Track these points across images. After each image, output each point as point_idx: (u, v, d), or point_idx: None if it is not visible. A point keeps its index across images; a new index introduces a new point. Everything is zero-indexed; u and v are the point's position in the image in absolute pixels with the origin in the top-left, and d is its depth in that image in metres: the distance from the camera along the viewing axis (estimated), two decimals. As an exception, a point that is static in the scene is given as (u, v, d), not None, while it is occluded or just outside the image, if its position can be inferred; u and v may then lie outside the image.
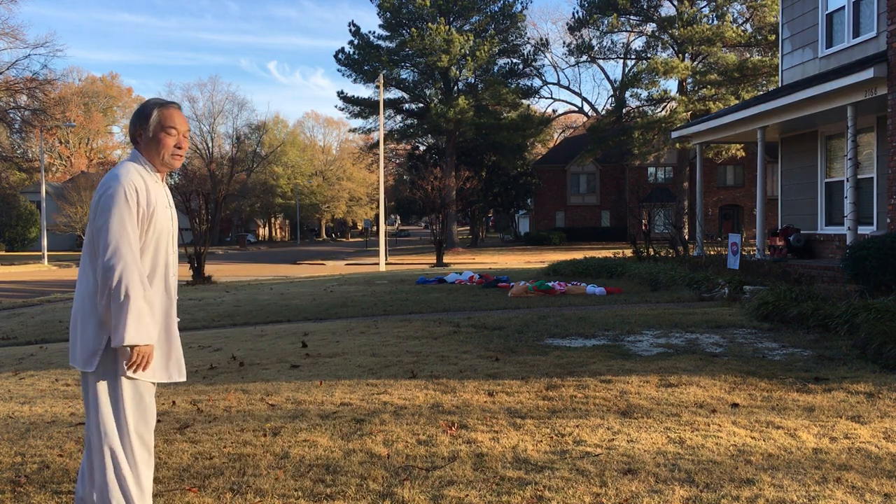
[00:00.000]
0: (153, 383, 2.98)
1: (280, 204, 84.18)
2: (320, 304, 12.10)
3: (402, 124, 51.06)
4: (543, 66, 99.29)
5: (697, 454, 3.86)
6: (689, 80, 42.74)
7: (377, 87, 37.84)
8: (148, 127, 2.96)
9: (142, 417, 2.92)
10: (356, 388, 5.47)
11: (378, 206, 32.36)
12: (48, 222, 49.30)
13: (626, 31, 47.55)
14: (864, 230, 11.87)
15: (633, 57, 48.90)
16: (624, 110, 47.37)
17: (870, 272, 9.34)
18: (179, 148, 3.01)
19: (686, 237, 33.03)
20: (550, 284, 12.78)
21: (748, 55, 42.53)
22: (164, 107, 3.00)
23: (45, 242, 40.22)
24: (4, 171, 58.38)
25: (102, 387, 2.86)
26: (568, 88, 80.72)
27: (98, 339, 2.84)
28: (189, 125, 3.10)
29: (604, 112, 52.46)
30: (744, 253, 14.57)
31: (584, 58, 48.34)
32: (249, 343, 7.98)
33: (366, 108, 48.28)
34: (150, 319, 2.80)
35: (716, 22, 41.68)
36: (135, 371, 2.82)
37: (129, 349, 2.78)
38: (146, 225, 2.89)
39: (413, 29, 44.80)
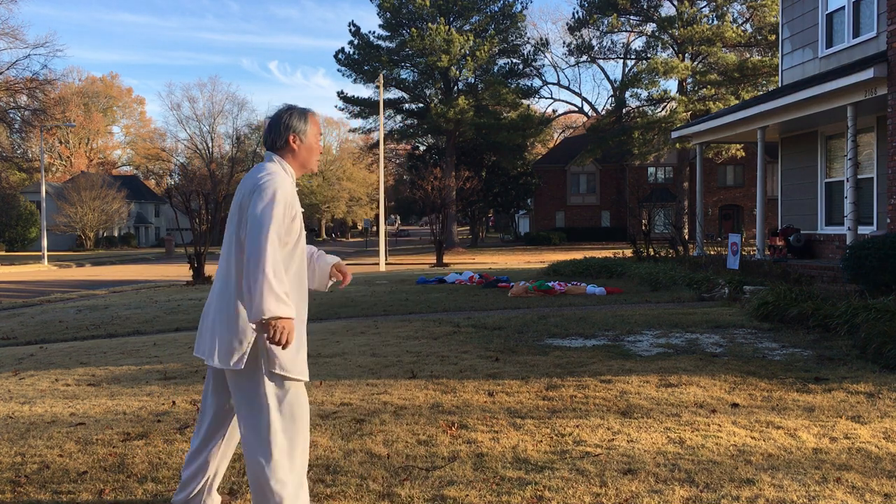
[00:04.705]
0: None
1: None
2: (320, 304, 12.10)
3: (402, 124, 51.04)
4: (543, 66, 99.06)
5: (697, 454, 3.86)
6: (689, 80, 42.74)
7: (377, 87, 37.82)
8: (307, 132, 3.08)
9: None
10: (356, 388, 5.47)
11: (378, 206, 32.35)
12: (48, 222, 49.32)
13: (626, 31, 47.55)
14: (864, 230, 11.86)
15: (633, 57, 48.91)
16: (624, 110, 47.34)
17: (870, 272, 9.34)
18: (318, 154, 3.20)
19: (686, 237, 33.06)
20: (550, 284, 12.78)
21: (748, 55, 42.52)
22: (313, 115, 3.13)
23: (45, 242, 40.19)
24: (4, 171, 58.40)
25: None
26: (568, 88, 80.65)
27: None
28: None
29: (604, 112, 52.43)
30: (744, 253, 14.57)
31: (584, 58, 48.34)
32: (249, 343, 7.96)
33: (366, 108, 48.26)
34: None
35: (716, 22, 41.66)
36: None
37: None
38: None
39: (413, 29, 44.78)
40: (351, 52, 47.25)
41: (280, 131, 3.05)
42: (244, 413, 2.97)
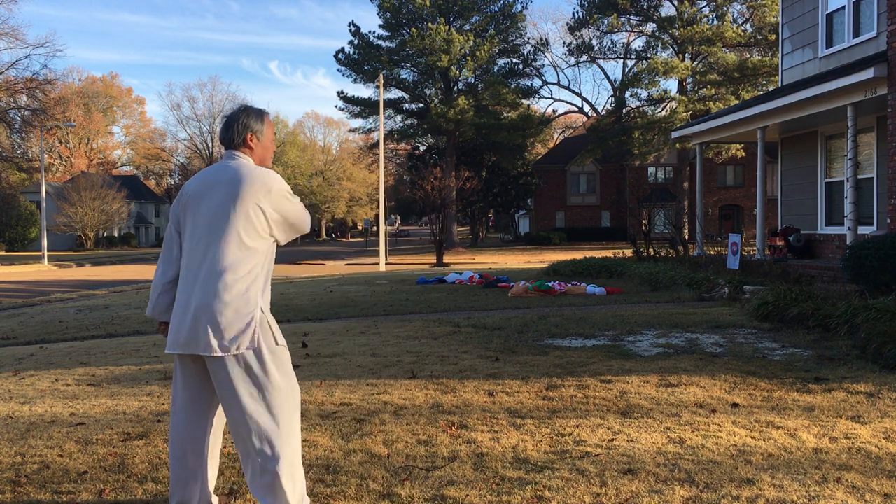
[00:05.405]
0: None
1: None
2: (320, 304, 12.10)
3: (402, 124, 51.06)
4: (543, 66, 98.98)
5: (697, 454, 3.86)
6: (689, 80, 42.74)
7: (377, 87, 37.85)
8: (263, 132, 3.19)
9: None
10: (356, 388, 5.47)
11: (378, 206, 32.37)
12: (48, 222, 49.33)
13: (626, 31, 47.56)
14: (864, 230, 11.87)
15: (633, 57, 48.91)
16: (624, 110, 47.36)
17: (870, 272, 9.34)
18: None
19: (686, 237, 33.06)
20: (550, 284, 12.78)
21: (748, 55, 42.53)
22: (268, 115, 3.25)
23: (45, 242, 40.20)
24: (4, 171, 58.40)
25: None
26: (568, 88, 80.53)
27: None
28: None
29: (604, 112, 52.44)
30: (744, 253, 14.57)
31: (584, 58, 48.36)
32: (249, 343, 7.95)
33: (366, 108, 48.28)
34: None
35: (716, 22, 41.67)
36: None
37: None
38: None
39: (413, 29, 44.80)
40: (351, 52, 47.27)
41: (239, 130, 3.13)
42: (248, 399, 2.95)
